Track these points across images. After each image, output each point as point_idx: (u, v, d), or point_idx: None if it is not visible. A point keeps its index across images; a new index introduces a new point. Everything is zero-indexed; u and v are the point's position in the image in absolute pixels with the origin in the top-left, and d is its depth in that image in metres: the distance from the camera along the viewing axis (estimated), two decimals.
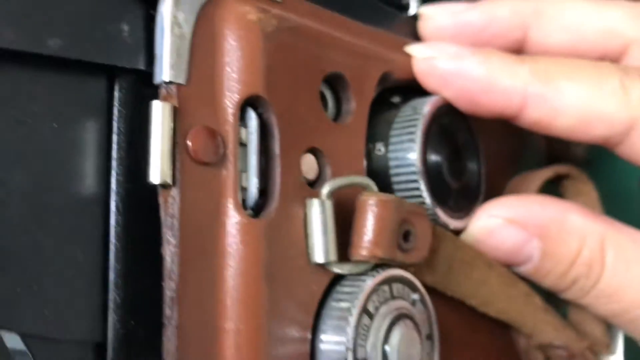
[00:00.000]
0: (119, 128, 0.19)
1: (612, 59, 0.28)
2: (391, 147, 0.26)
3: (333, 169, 0.23)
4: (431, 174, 0.26)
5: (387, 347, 0.22)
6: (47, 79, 0.18)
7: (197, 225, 0.19)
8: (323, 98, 0.24)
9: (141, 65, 0.19)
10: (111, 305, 0.18)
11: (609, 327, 0.31)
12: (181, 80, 0.19)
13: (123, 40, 0.19)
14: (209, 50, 0.20)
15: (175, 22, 0.19)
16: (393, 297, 0.23)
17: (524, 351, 0.30)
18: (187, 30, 0.20)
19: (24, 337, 0.17)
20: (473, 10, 0.29)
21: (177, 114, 0.19)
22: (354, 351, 0.21)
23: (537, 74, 0.26)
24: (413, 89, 0.27)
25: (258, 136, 0.21)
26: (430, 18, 0.29)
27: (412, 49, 0.27)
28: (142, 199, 0.19)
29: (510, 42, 0.29)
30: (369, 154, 0.26)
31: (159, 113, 0.19)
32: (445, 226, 0.26)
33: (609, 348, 0.31)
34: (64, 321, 0.18)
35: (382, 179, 0.26)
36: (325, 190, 0.22)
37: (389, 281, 0.23)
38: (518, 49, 0.29)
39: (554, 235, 0.27)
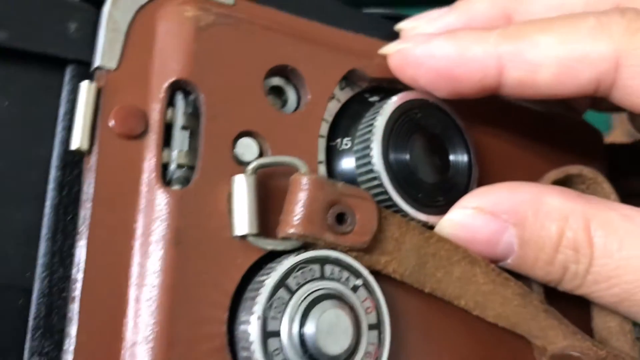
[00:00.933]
0: (65, 108, 0.23)
1: (607, 88, 0.26)
2: (356, 142, 0.26)
3: (276, 154, 0.24)
4: (395, 167, 0.26)
5: (306, 325, 0.22)
6: (5, 67, 0.22)
7: (113, 191, 0.22)
8: (280, 90, 0.26)
9: (86, 57, 0.23)
10: (40, 255, 0.21)
11: (637, 343, 0.28)
12: (112, 65, 0.22)
13: (70, 36, 0.23)
14: (145, 42, 0.23)
15: (110, 19, 0.23)
16: (323, 278, 0.23)
17: None
18: (123, 25, 0.23)
19: None
20: (451, 13, 0.28)
21: (102, 93, 0.22)
22: (264, 322, 0.22)
23: (507, 34, 0.25)
24: (399, 90, 0.28)
25: (182, 116, 0.23)
26: (410, 30, 0.29)
27: (384, 47, 0.27)
28: (75, 167, 0.22)
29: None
30: (337, 149, 0.27)
31: (85, 91, 0.22)
32: (417, 221, 0.26)
33: None
34: None
35: (349, 173, 0.26)
36: (250, 166, 0.23)
37: (320, 261, 0.23)
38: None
39: (530, 219, 0.25)
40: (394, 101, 0.27)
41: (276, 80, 0.26)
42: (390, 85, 0.28)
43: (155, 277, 0.21)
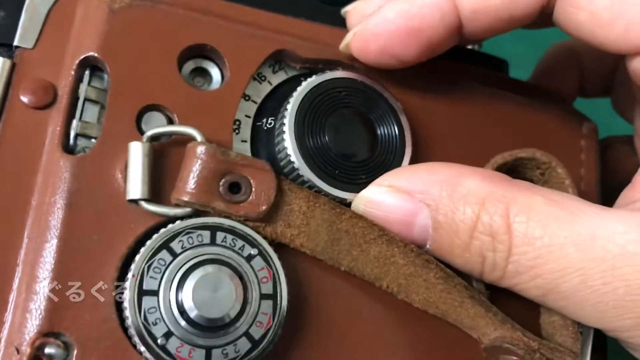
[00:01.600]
0: None
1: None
2: (277, 119, 0.27)
3: None
4: (310, 145, 0.26)
5: (184, 286, 0.22)
6: None
7: (16, 153, 0.24)
8: (205, 70, 0.27)
9: (13, 41, 0.25)
10: None
11: (579, 337, 0.25)
12: (28, 45, 0.25)
13: None
14: (63, 25, 0.25)
15: (31, 5, 0.25)
16: (214, 245, 0.23)
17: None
18: (43, 10, 0.25)
19: None
20: None
21: (15, 68, 0.24)
22: (140, 280, 0.22)
23: None
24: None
25: (89, 90, 0.25)
26: (352, 11, 0.29)
27: (343, 41, 0.28)
28: None
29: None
30: (262, 128, 0.27)
31: None
32: (333, 197, 0.25)
33: (577, 358, 0.24)
34: None
35: (270, 150, 0.27)
36: (146, 134, 0.24)
37: (211, 228, 0.23)
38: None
39: (444, 201, 0.24)
40: (312, 80, 0.27)
41: (200, 62, 0.27)
42: (328, 67, 0.28)
43: (48, 234, 0.23)
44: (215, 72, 0.27)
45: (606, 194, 0.32)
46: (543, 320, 0.26)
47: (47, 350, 0.22)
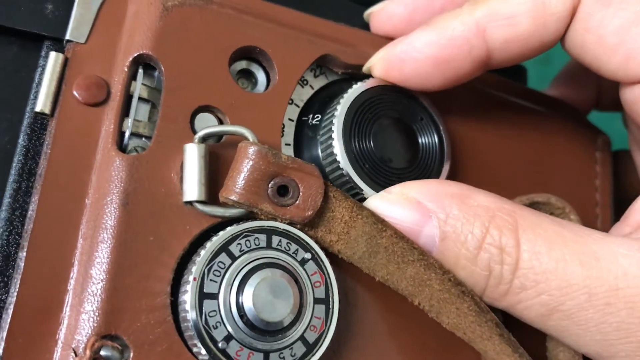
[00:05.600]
0: (38, 79, 0.24)
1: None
2: (324, 118, 0.27)
3: None
4: (358, 152, 0.26)
5: (244, 290, 0.23)
6: None
7: (69, 152, 0.23)
8: (250, 73, 0.27)
9: (62, 35, 0.25)
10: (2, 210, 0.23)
11: None
12: (81, 40, 0.24)
13: (46, 15, 0.25)
14: (115, 20, 0.25)
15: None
16: (270, 248, 0.23)
17: None
18: (95, 5, 0.25)
19: None
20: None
21: (68, 63, 0.24)
22: (201, 283, 0.22)
23: (477, 1, 0.26)
24: None
25: (142, 88, 0.24)
26: (380, 11, 0.29)
27: (367, 63, 0.28)
28: (41, 133, 0.24)
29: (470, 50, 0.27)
30: (307, 124, 0.27)
31: (52, 60, 0.24)
32: None
33: None
34: None
35: (313, 151, 0.27)
36: (198, 134, 0.24)
37: (267, 232, 0.24)
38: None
39: (454, 212, 0.24)
40: (361, 85, 0.27)
41: (245, 63, 0.27)
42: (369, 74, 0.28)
43: (104, 234, 0.22)
44: (260, 75, 0.27)
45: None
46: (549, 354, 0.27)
47: (104, 352, 0.22)
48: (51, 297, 0.22)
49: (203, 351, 0.22)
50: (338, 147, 0.26)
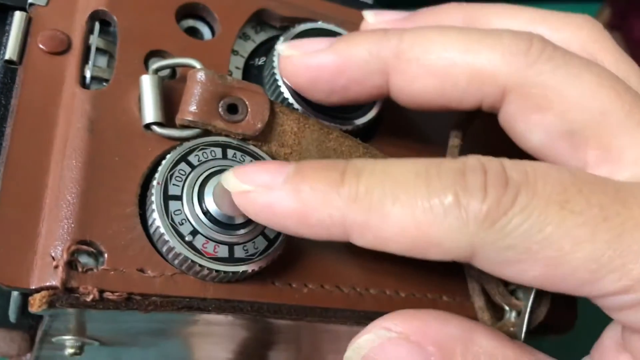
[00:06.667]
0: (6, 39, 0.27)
1: (490, 106, 0.25)
2: (268, 58, 0.30)
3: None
4: None
5: (205, 189, 0.25)
6: None
7: (37, 91, 0.26)
8: (196, 29, 0.30)
9: (24, 4, 0.28)
10: None
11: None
12: (42, 3, 0.27)
13: None
14: None
15: None
16: (226, 158, 0.26)
17: None
18: None
19: None
20: (328, 52, 0.26)
21: (32, 21, 0.27)
22: (165, 186, 0.25)
23: (357, 200, 0.21)
24: None
25: (99, 39, 0.27)
26: (286, 59, 0.28)
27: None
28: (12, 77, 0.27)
29: (371, 89, 0.26)
30: (253, 67, 0.31)
31: (17, 18, 0.27)
32: None
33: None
34: None
35: (261, 82, 0.30)
36: (151, 67, 0.27)
37: (222, 146, 0.26)
38: (382, 96, 0.27)
39: (458, 357, 0.23)
40: (301, 26, 0.30)
41: (192, 22, 0.30)
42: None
43: (72, 155, 0.25)
44: (206, 31, 0.30)
45: None
46: None
47: (80, 257, 0.24)
48: (28, 217, 0.24)
49: (172, 244, 0.24)
50: (280, 77, 0.29)
